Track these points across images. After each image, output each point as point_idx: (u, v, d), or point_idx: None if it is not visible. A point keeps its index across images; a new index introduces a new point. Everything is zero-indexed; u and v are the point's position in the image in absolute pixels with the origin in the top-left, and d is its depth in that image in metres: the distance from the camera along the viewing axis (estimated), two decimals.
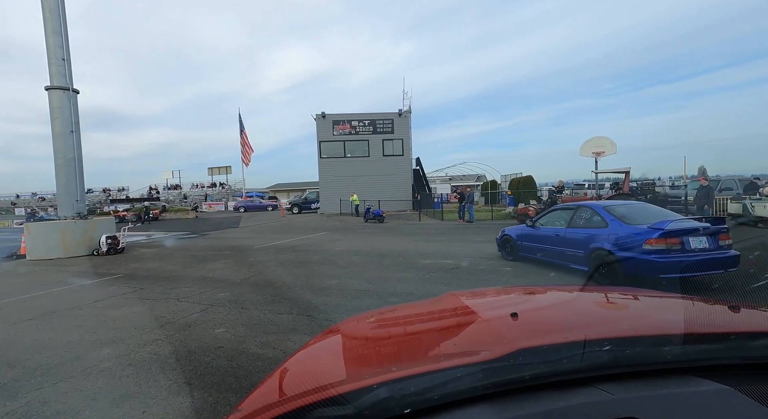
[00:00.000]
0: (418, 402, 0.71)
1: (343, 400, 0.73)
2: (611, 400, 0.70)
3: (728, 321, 1.11)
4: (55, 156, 11.31)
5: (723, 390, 0.71)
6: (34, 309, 5.66)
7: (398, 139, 26.49)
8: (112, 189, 52.31)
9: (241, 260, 9.41)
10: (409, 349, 1.13)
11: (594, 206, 6.58)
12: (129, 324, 4.74)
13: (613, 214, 5.96)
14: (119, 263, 9.63)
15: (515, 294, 1.74)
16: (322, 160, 26.50)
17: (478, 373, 0.76)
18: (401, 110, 26.39)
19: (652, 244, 5.15)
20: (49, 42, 11.04)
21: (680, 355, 0.84)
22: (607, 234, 5.78)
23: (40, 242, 10.89)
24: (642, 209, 6.37)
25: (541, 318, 1.30)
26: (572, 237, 6.41)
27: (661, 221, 5.43)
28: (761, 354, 0.85)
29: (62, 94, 11.20)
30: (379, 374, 0.79)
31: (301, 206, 28.65)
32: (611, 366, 0.79)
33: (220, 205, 39.32)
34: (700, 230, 5.24)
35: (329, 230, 15.89)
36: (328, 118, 26.23)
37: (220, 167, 47.47)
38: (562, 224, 6.78)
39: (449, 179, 56.59)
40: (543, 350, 0.86)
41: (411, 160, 27.14)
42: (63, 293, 6.64)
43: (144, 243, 14.03)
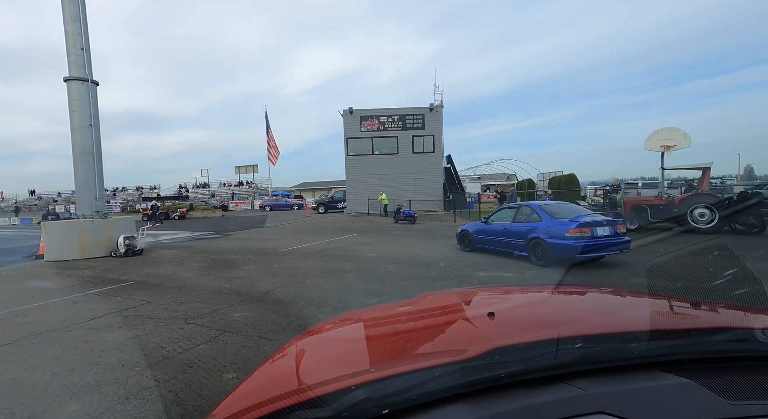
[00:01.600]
0: (397, 402, 0.71)
1: (320, 402, 0.71)
2: (582, 396, 0.72)
3: (690, 318, 1.18)
4: (74, 151, 10.70)
5: (684, 384, 0.74)
6: (18, 328, 4.74)
7: (429, 135, 25.07)
8: (145, 187, 53.58)
9: (264, 266, 8.36)
10: (388, 349, 1.12)
11: (532, 205, 8.34)
12: (118, 359, 3.68)
13: (545, 211, 7.63)
14: (133, 268, 8.80)
15: (492, 294, 1.76)
16: (349, 157, 25.45)
17: (455, 372, 0.76)
18: (432, 105, 24.94)
19: (571, 232, 6.79)
20: (67, 29, 10.42)
21: (646, 351, 0.87)
22: (541, 226, 7.35)
23: (56, 242, 10.29)
24: (566, 207, 8.16)
25: (516, 317, 1.33)
26: (516, 230, 7.99)
27: (578, 215, 7.17)
28: (719, 349, 0.89)
29: (81, 85, 10.57)
30: (357, 375, 0.79)
31: (327, 205, 27.72)
32: (583, 362, 0.82)
33: (246, 203, 39.17)
34: (603, 222, 7.01)
35: (358, 232, 14.74)
36: (355, 113, 25.15)
37: (247, 166, 47.56)
38: (508, 220, 8.33)
39: (478, 178, 54.41)
40: (518, 348, 0.89)
41: (442, 157, 25.65)
42: (60, 306, 5.74)
43: (165, 244, 13.35)
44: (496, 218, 8.89)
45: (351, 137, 25.28)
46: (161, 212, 27.57)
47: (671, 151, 12.21)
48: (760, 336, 0.89)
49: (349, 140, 25.35)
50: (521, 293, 1.80)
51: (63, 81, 10.57)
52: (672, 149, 12.17)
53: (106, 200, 11.88)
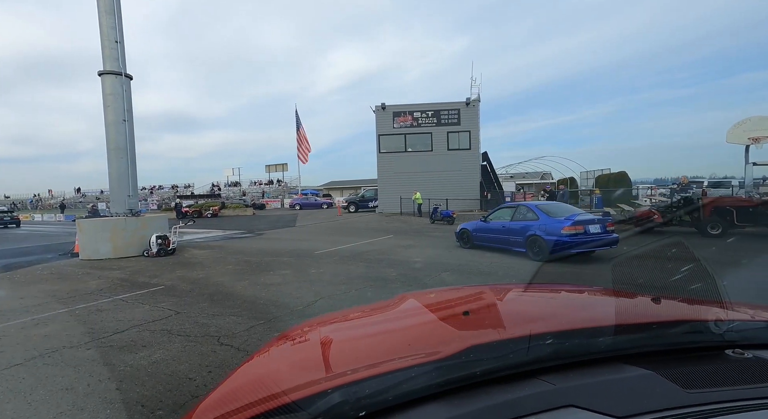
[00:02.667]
0: (373, 403, 0.70)
1: (296, 407, 0.71)
2: (553, 390, 0.73)
3: (651, 312, 1.20)
4: (108, 147, 10.42)
5: (646, 375, 0.77)
6: (35, 343, 4.16)
7: (465, 131, 23.83)
8: (180, 186, 55.10)
9: (302, 271, 7.62)
10: (364, 351, 1.09)
11: (529, 204, 8.86)
12: (138, 395, 2.95)
13: (542, 210, 8.17)
14: (165, 269, 8.31)
15: (466, 293, 1.75)
16: (381, 155, 24.62)
17: (431, 372, 0.77)
18: (469, 99, 23.69)
19: (566, 230, 7.40)
20: (101, 22, 10.13)
21: (611, 345, 0.90)
22: (539, 225, 7.86)
23: (90, 240, 10.03)
24: (560, 206, 8.80)
25: (490, 316, 1.36)
26: (514, 228, 8.48)
27: (572, 214, 7.85)
28: (678, 340, 0.94)
29: (115, 79, 10.26)
30: (333, 378, 0.79)
31: (358, 204, 27.02)
32: (553, 358, 0.83)
33: (276, 202, 39.24)
34: (595, 220, 7.80)
35: (395, 233, 13.86)
36: (388, 109, 24.28)
37: (277, 165, 47.75)
38: (507, 219, 8.84)
39: (510, 177, 52.25)
40: (492, 346, 0.90)
41: (479, 154, 24.35)
42: (84, 315, 5.18)
43: (197, 243, 12.98)
44: (494, 217, 9.41)
45: (383, 134, 24.44)
46: (195, 210, 27.81)
47: (761, 143, 10.54)
48: (713, 328, 0.92)
49: (381, 137, 24.52)
50: (495, 292, 1.80)
51: (97, 75, 10.31)
52: (763, 141, 10.50)
53: (143, 198, 11.59)
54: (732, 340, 0.91)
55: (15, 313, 5.38)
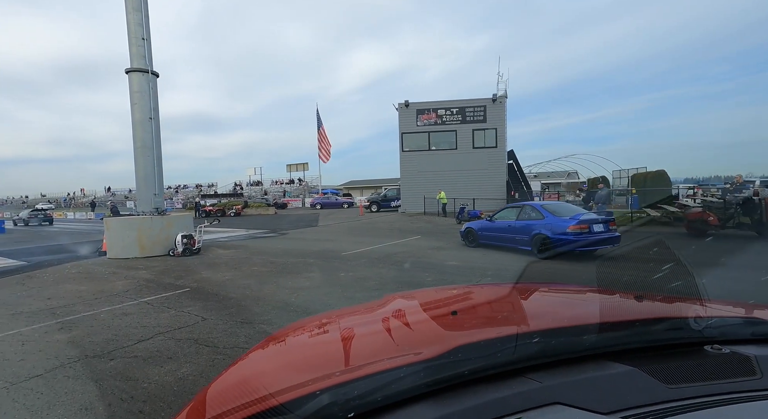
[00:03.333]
0: (362, 405, 0.69)
1: (284, 409, 0.70)
2: (539, 388, 0.74)
3: (634, 310, 1.22)
4: (134, 145, 10.36)
5: (629, 371, 0.78)
6: (58, 350, 3.89)
7: (491, 128, 23.02)
8: (203, 185, 56.17)
9: (330, 274, 7.24)
10: (353, 352, 1.08)
11: (534, 204, 9.24)
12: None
13: (547, 210, 8.53)
14: (190, 270, 8.09)
15: (454, 294, 1.74)
16: (404, 154, 24.11)
17: (419, 372, 0.76)
18: (495, 95, 22.86)
19: (572, 229, 7.79)
20: (129, 19, 10.06)
21: (596, 342, 0.90)
22: (544, 224, 8.22)
23: (117, 239, 9.98)
24: (565, 206, 9.46)
25: (478, 315, 1.39)
26: (520, 227, 8.71)
27: (577, 214, 8.35)
28: (659, 337, 0.95)
29: (142, 77, 10.17)
30: (322, 380, 0.78)
31: (380, 203, 26.63)
32: (539, 356, 0.83)
33: (297, 201, 39.33)
34: (599, 219, 8.18)
35: (422, 234, 13.35)
36: (411, 107, 23.74)
37: (298, 164, 47.89)
38: (512, 218, 9.04)
39: (534, 176, 50.73)
40: (480, 345, 0.90)
41: (505, 153, 23.50)
42: (109, 319, 4.93)
43: (222, 243, 12.84)
44: (500, 216, 9.67)
45: (406, 132, 23.92)
46: (218, 209, 28.06)
47: None
48: (693, 324, 0.94)
49: (404, 135, 24.00)
50: (482, 292, 1.82)
51: (125, 73, 10.25)
52: None
53: (168, 197, 11.51)
54: (711, 336, 0.93)
55: (41, 315, 5.20)
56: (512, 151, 24.89)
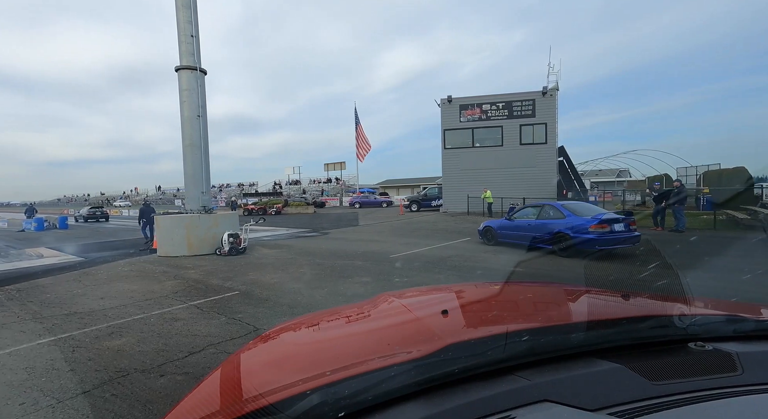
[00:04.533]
0: (353, 404, 0.69)
1: (274, 409, 0.69)
2: (529, 386, 0.75)
3: (620, 308, 1.27)
4: (183, 143, 10.37)
5: (616, 368, 0.79)
6: (107, 360, 3.59)
7: (540, 123, 21.61)
8: (245, 184, 58.01)
9: (384, 279, 6.69)
10: (344, 352, 1.09)
11: (554, 204, 9.36)
12: None
13: (568, 209, 8.68)
14: (237, 270, 7.85)
15: (445, 292, 1.75)
16: (446, 151, 23.24)
17: (410, 371, 0.76)
18: (545, 88, 21.44)
19: (593, 228, 7.82)
20: (179, 17, 10.05)
21: (584, 340, 0.92)
22: (565, 223, 8.41)
23: (167, 237, 10.02)
24: (585, 206, 9.48)
25: (468, 314, 1.36)
26: (540, 226, 9.00)
27: (599, 213, 8.41)
28: (645, 335, 0.97)
29: (190, 74, 10.15)
30: (312, 379, 0.78)
31: (421, 203, 25.87)
32: (529, 354, 0.84)
33: (335, 200, 39.42)
34: (620, 219, 8.08)
35: (471, 236, 12.50)
36: (454, 102, 22.82)
37: (335, 163, 48.14)
38: (532, 217, 9.42)
39: (581, 175, 47.73)
40: (470, 344, 0.92)
41: (556, 149, 22.00)
42: (159, 325, 4.65)
43: (265, 242, 12.71)
44: (519, 215, 9.86)
45: (449, 129, 23.02)
46: (260, 208, 28.54)
47: None
48: (677, 322, 0.96)
49: (447, 132, 23.12)
50: (473, 290, 1.81)
51: (174, 71, 10.27)
52: None
53: (212, 196, 11.50)
54: (694, 333, 0.95)
55: (93, 317, 5.03)
56: (563, 147, 23.32)
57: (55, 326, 4.73)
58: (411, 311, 1.42)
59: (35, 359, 3.75)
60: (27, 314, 5.30)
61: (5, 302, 5.98)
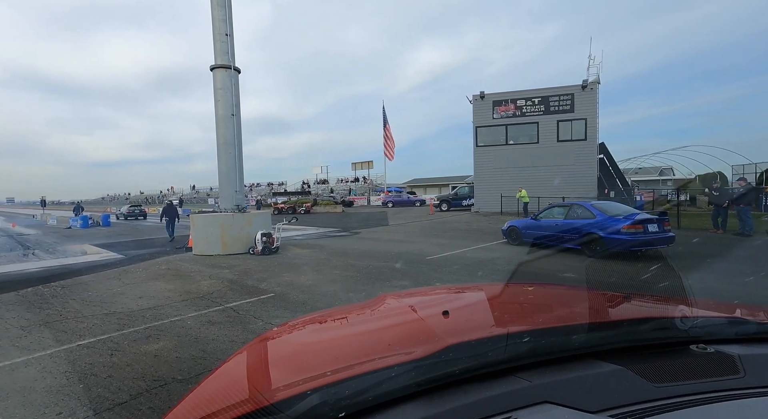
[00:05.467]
0: (353, 404, 0.69)
1: (274, 409, 0.69)
2: (529, 387, 0.74)
3: (622, 310, 1.26)
4: (217, 142, 10.40)
5: (617, 370, 0.79)
6: (144, 367, 3.42)
7: (579, 119, 20.51)
8: (274, 183, 59.12)
9: (423, 282, 6.32)
10: (344, 352, 1.08)
11: (583, 204, 9.03)
12: None
13: (598, 209, 8.43)
14: (271, 271, 7.70)
15: (446, 293, 1.75)
16: (478, 149, 22.54)
17: (410, 371, 0.76)
18: (585, 82, 20.32)
19: (626, 228, 7.51)
20: (214, 15, 10.07)
21: (585, 342, 0.92)
22: (595, 223, 8.12)
23: (202, 235, 10.07)
24: (615, 205, 8.99)
25: (469, 315, 1.36)
26: (568, 226, 8.76)
27: (632, 213, 8.04)
28: (646, 337, 0.97)
29: (225, 73, 10.15)
30: (313, 379, 0.77)
31: (451, 202, 25.25)
32: (530, 355, 0.84)
33: (362, 199, 39.32)
34: (653, 219, 7.77)
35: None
36: (487, 98, 22.06)
37: (363, 162, 48.10)
38: (560, 217, 9.18)
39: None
40: (471, 345, 0.90)
41: (596, 146, 20.82)
42: (195, 328, 4.49)
43: (297, 241, 12.62)
44: (545, 215, 9.66)
45: (481, 126, 22.30)
46: (289, 207, 28.79)
47: None
48: (679, 324, 0.95)
49: (479, 129, 22.41)
50: (474, 291, 1.81)
51: (209, 70, 10.30)
52: None
53: (244, 195, 11.50)
54: (696, 336, 0.94)
55: (132, 318, 4.95)
56: (603, 144, 22.09)
57: (94, 326, 4.67)
58: (412, 312, 1.42)
59: (74, 362, 3.64)
60: (69, 312, 5.31)
61: (50, 299, 6.06)
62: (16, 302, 6.03)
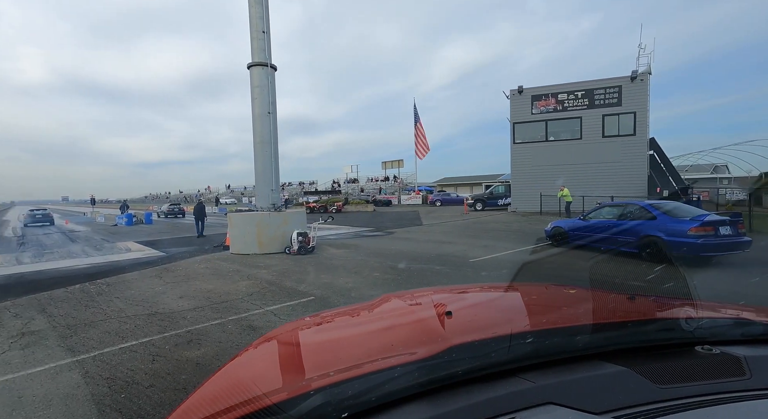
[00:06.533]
0: (356, 405, 0.68)
1: (278, 409, 0.68)
2: (532, 388, 0.73)
3: (626, 311, 1.23)
4: (254, 141, 10.36)
5: (621, 371, 0.78)
6: (181, 382, 3.21)
7: (628, 112, 19.16)
8: (305, 183, 59.96)
9: None
10: (347, 352, 1.06)
11: (642, 203, 8.23)
12: None
13: (660, 209, 7.63)
14: (309, 272, 7.49)
15: (449, 294, 1.74)
16: (515, 146, 21.60)
17: (413, 372, 0.76)
18: (635, 72, 18.93)
19: (694, 231, 6.78)
20: (251, 13, 10.02)
21: (589, 343, 0.90)
22: (656, 225, 7.37)
23: (239, 234, 10.06)
24: (680, 206, 8.19)
25: (472, 315, 1.34)
26: (623, 227, 7.98)
27: (700, 214, 7.25)
28: (651, 338, 0.96)
29: (261, 70, 10.08)
30: (316, 380, 0.78)
31: (486, 201, 24.41)
32: (533, 356, 0.83)
33: (393, 198, 39.00)
34: (726, 221, 6.95)
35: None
36: (525, 93, 21.08)
37: (393, 161, 47.74)
38: (612, 217, 8.48)
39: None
40: (474, 345, 0.89)
41: (646, 141, 19.37)
42: (235, 333, 4.29)
43: (331, 241, 12.43)
44: (596, 215, 9.05)
45: (519, 122, 21.35)
46: (321, 206, 28.91)
47: None
48: (684, 325, 0.96)
49: (516, 125, 21.46)
50: (477, 292, 1.81)
51: (246, 68, 10.27)
52: None
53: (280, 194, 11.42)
54: (701, 337, 0.93)
55: (173, 320, 4.84)
56: (653, 139, 20.53)
57: (137, 328, 4.58)
58: (415, 312, 1.42)
59: (116, 368, 3.50)
60: (113, 311, 5.28)
61: (96, 298, 6.12)
62: (65, 299, 6.12)
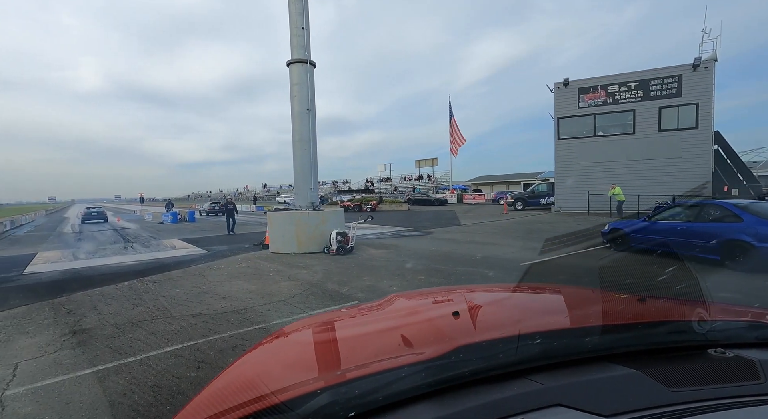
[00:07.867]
0: (363, 404, 0.69)
1: (285, 408, 0.69)
2: (541, 389, 0.73)
3: (636, 312, 1.22)
4: (293, 139, 10.25)
5: (631, 374, 0.77)
6: None
7: (689, 104, 17.56)
8: (338, 182, 60.52)
9: None
10: (354, 351, 1.09)
11: (724, 204, 7.36)
12: None
13: (748, 211, 6.78)
14: (350, 273, 7.22)
15: (456, 294, 1.73)
16: (560, 142, 20.44)
17: (421, 372, 0.76)
18: (698, 60, 17.28)
19: None
20: (291, 9, 9.91)
21: (598, 344, 0.89)
22: (743, 228, 6.58)
23: (278, 233, 10.00)
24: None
25: (480, 316, 1.33)
26: (700, 231, 7.18)
27: None
28: (662, 340, 0.94)
29: (301, 67, 9.95)
30: (324, 378, 0.79)
31: (527, 200, 23.33)
32: (542, 357, 0.83)
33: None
34: None
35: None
36: (572, 86, 19.88)
37: (427, 160, 47.07)
38: (687, 219, 7.68)
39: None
40: (481, 346, 0.89)
41: (710, 135, 17.65)
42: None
43: (369, 241, 12.16)
44: (665, 216, 8.33)
45: (564, 116, 20.17)
46: (355, 205, 28.86)
47: None
48: (696, 328, 0.93)
49: (561, 120, 20.29)
50: (485, 292, 1.81)
51: (286, 66, 10.19)
52: None
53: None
54: (714, 340, 0.91)
55: (217, 322, 4.70)
56: (718, 132, 18.67)
57: (182, 330, 4.47)
58: (422, 313, 1.42)
59: (162, 375, 3.35)
60: (159, 311, 5.24)
61: (142, 295, 6.16)
62: (115, 296, 6.21)
